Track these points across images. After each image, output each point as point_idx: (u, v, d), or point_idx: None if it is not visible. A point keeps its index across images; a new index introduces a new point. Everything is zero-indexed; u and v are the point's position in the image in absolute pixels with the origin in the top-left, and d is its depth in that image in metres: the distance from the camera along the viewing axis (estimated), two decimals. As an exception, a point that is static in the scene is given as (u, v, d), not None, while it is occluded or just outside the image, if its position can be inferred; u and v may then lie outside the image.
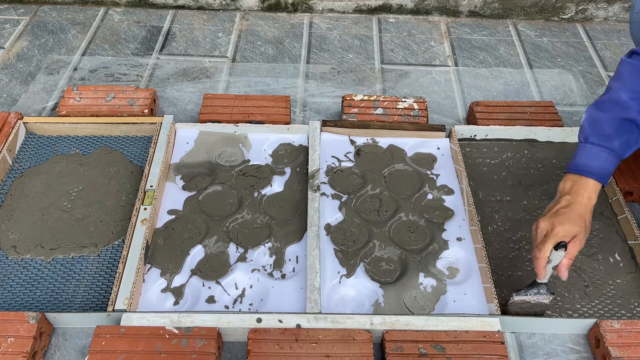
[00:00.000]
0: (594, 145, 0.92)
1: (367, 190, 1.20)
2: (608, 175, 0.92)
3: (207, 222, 1.13)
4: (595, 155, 0.92)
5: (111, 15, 1.78)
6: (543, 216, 0.92)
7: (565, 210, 0.90)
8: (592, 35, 1.76)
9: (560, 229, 0.88)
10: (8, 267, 1.05)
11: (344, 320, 0.94)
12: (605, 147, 0.92)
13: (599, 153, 0.92)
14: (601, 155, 0.92)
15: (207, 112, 1.33)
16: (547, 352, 0.97)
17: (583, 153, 0.93)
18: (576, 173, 0.93)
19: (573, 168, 0.94)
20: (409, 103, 1.37)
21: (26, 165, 1.24)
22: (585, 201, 0.91)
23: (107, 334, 0.90)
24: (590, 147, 0.92)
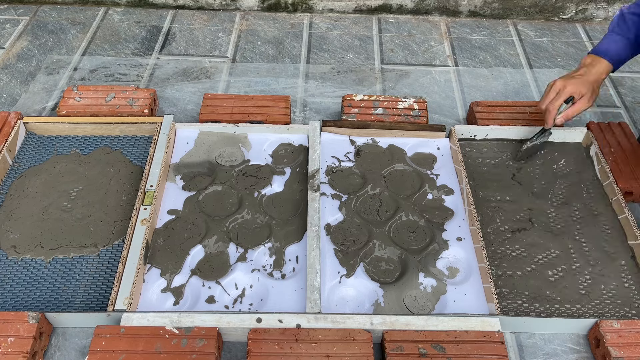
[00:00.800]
0: (615, 34, 1.16)
1: (367, 190, 1.20)
2: (621, 61, 1.17)
3: (207, 222, 1.13)
4: (614, 42, 1.16)
5: (111, 15, 1.78)
6: (560, 78, 1.16)
7: (579, 75, 1.14)
8: (592, 35, 1.76)
9: (572, 87, 1.13)
10: (8, 267, 1.05)
11: (344, 320, 0.94)
12: (623, 37, 1.16)
13: (618, 40, 1.16)
14: (619, 42, 1.16)
15: (207, 112, 1.33)
16: (547, 352, 0.97)
17: (606, 39, 1.18)
18: (596, 54, 1.17)
19: (594, 50, 1.18)
20: (409, 103, 1.37)
21: (26, 165, 1.24)
22: (596, 74, 1.15)
23: (107, 334, 0.90)
24: (612, 35, 1.17)
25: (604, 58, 1.15)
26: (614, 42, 1.16)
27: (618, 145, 1.27)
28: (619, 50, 1.16)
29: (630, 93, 1.54)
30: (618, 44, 1.16)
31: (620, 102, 1.51)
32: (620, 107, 1.49)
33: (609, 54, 1.15)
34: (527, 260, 1.09)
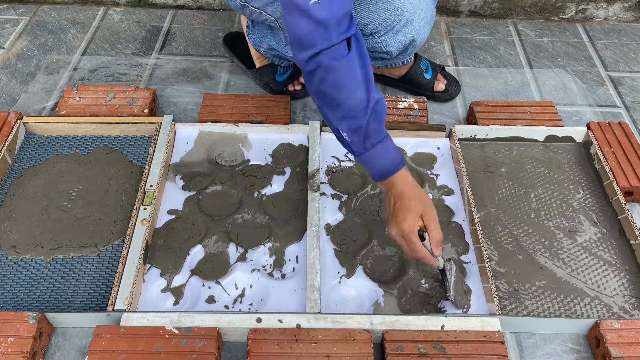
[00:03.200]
0: (374, 146, 0.91)
1: (367, 190, 1.20)
2: (399, 152, 0.95)
3: (207, 222, 1.13)
4: (386, 150, 0.92)
5: (111, 15, 1.78)
6: (387, 228, 0.96)
7: (397, 207, 0.92)
8: (592, 35, 1.76)
9: (406, 225, 0.91)
10: (8, 267, 1.05)
11: (344, 320, 0.94)
12: (382, 140, 0.91)
13: (386, 146, 0.92)
14: (388, 145, 0.92)
15: (207, 112, 1.33)
16: (547, 352, 0.97)
17: (372, 160, 0.92)
18: (383, 179, 0.93)
19: (378, 176, 0.94)
20: (409, 103, 1.37)
21: (26, 165, 1.24)
22: (406, 189, 0.93)
23: (107, 334, 0.90)
24: (374, 150, 0.91)
25: (394, 173, 0.92)
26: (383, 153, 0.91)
27: (618, 145, 1.27)
28: (394, 149, 0.93)
29: (630, 93, 1.54)
30: (388, 150, 0.92)
31: (620, 102, 1.51)
32: (620, 107, 1.49)
33: (391, 164, 0.92)
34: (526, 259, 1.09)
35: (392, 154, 0.92)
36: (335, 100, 0.87)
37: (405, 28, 1.10)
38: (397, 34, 1.09)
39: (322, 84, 0.86)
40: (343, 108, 0.87)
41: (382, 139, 0.91)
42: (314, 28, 0.80)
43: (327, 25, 0.80)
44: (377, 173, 0.93)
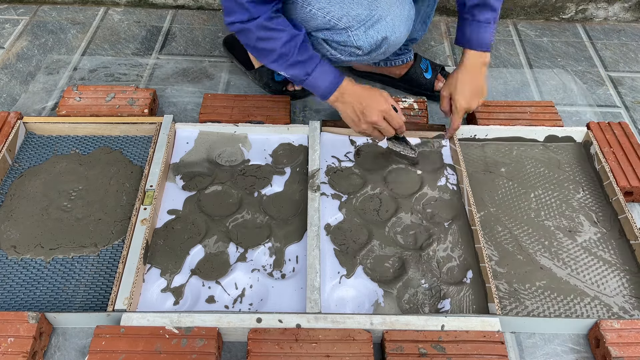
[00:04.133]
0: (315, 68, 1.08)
1: (367, 191, 1.20)
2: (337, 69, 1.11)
3: (207, 222, 1.13)
4: (326, 70, 1.09)
5: (111, 15, 1.78)
6: (358, 127, 1.13)
7: (364, 104, 1.10)
8: (592, 35, 1.76)
9: (386, 107, 1.11)
10: (8, 267, 1.05)
11: (344, 320, 0.94)
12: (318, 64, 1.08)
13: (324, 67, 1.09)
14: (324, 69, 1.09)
15: (207, 112, 1.33)
16: (547, 352, 0.97)
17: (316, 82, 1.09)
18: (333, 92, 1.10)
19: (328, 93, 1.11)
20: (409, 103, 1.37)
21: (26, 165, 1.24)
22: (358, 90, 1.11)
23: (107, 334, 0.90)
24: (315, 71, 1.08)
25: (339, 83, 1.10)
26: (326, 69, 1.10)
27: (618, 145, 1.27)
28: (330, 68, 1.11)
29: (630, 93, 1.54)
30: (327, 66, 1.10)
31: (620, 102, 1.51)
32: (620, 107, 1.49)
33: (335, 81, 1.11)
34: (526, 259, 1.09)
35: (331, 72, 1.09)
36: (265, 50, 1.07)
37: (377, 24, 1.10)
38: (370, 29, 1.11)
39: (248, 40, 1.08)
40: (274, 54, 1.06)
41: (317, 63, 1.08)
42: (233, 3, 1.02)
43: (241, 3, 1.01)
44: (325, 91, 1.10)
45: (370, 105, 1.09)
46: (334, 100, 1.11)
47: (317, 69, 1.08)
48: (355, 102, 1.10)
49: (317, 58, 1.08)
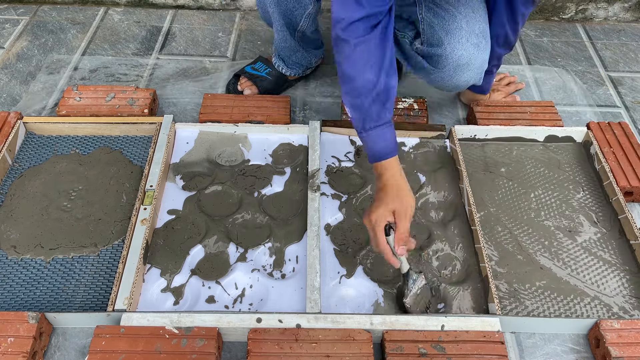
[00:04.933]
0: (373, 129, 0.96)
1: (367, 191, 1.20)
2: (396, 142, 0.98)
3: (207, 222, 1.13)
4: (381, 136, 0.96)
5: (111, 15, 1.78)
6: (366, 212, 0.98)
7: (376, 197, 0.97)
8: (592, 35, 1.76)
9: (375, 216, 0.94)
10: (8, 267, 1.05)
11: (344, 320, 0.94)
12: (383, 124, 0.96)
13: (382, 133, 0.96)
14: (385, 132, 0.96)
15: (207, 112, 1.33)
16: (547, 352, 0.97)
17: (367, 141, 0.97)
18: (375, 162, 0.97)
19: (371, 158, 0.98)
20: (409, 103, 1.37)
21: (26, 165, 1.24)
22: (391, 179, 0.96)
23: (107, 334, 0.90)
24: (371, 132, 0.96)
25: (385, 158, 0.96)
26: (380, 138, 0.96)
27: (618, 145, 1.27)
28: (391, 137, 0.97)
29: (630, 93, 1.54)
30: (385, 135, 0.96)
31: (620, 102, 1.51)
32: (620, 107, 1.49)
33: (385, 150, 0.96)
34: (526, 259, 1.09)
35: (387, 141, 0.96)
36: (345, 74, 0.94)
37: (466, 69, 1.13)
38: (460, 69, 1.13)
39: (338, 55, 0.94)
40: (350, 84, 0.94)
41: (381, 124, 0.95)
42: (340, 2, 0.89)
43: None
44: (371, 156, 0.98)
45: (373, 204, 0.97)
46: (376, 175, 0.99)
47: (376, 131, 0.96)
48: (376, 191, 0.98)
49: (385, 119, 0.96)
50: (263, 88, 1.42)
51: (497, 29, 1.17)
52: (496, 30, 1.17)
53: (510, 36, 1.19)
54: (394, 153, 0.97)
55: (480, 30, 1.12)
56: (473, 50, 1.11)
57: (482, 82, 1.23)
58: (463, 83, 1.18)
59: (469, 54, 1.11)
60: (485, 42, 1.13)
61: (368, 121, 0.95)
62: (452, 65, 1.12)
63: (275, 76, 1.43)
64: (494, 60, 1.23)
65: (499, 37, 1.18)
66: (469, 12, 1.11)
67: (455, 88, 1.21)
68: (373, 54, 0.92)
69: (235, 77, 1.46)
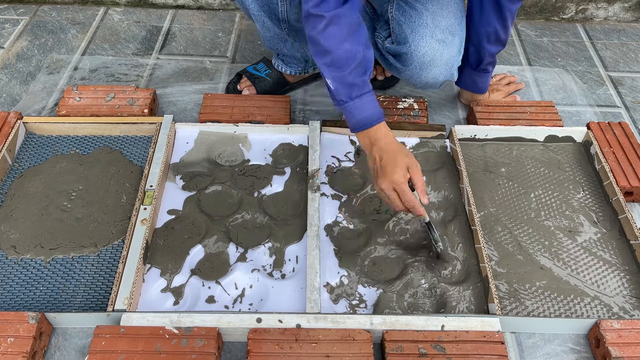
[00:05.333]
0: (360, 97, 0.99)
1: (367, 191, 1.20)
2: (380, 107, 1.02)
3: (207, 222, 1.13)
4: (368, 103, 1.00)
5: (111, 15, 1.78)
6: (373, 182, 1.02)
7: (385, 161, 0.99)
8: (592, 35, 1.76)
9: (397, 177, 0.97)
10: (8, 267, 1.05)
11: (344, 320, 0.94)
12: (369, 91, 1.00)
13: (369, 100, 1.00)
14: (372, 98, 1.00)
15: (207, 112, 1.33)
16: (547, 352, 0.97)
17: (354, 111, 1.00)
18: (364, 129, 1.01)
19: (358, 127, 1.01)
20: (409, 103, 1.37)
21: (26, 165, 1.24)
22: (390, 141, 1.01)
23: (107, 334, 0.90)
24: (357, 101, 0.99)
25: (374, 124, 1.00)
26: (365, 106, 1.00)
27: (618, 145, 1.27)
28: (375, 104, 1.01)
29: (630, 93, 1.54)
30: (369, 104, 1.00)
31: (620, 102, 1.51)
32: (620, 107, 1.49)
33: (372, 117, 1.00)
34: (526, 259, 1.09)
35: (373, 107, 1.00)
36: (324, 48, 0.96)
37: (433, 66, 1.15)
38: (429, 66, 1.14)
39: (311, 31, 0.96)
40: (330, 56, 0.96)
41: (365, 92, 1.00)
42: None
43: None
44: (356, 124, 1.01)
45: (385, 169, 0.99)
46: (365, 145, 1.03)
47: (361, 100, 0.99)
48: (377, 159, 1.00)
49: (368, 87, 1.01)
50: (261, 89, 1.42)
51: (486, 27, 1.17)
52: (485, 28, 1.17)
53: (501, 33, 1.18)
54: (383, 117, 1.02)
55: (447, 25, 1.12)
56: (438, 47, 1.11)
57: (478, 81, 1.23)
58: (432, 80, 1.18)
59: (432, 51, 1.11)
60: (452, 37, 1.12)
61: (355, 90, 0.99)
62: (417, 62, 1.13)
63: (274, 77, 1.43)
64: (487, 58, 1.23)
65: (489, 35, 1.18)
66: (437, 9, 1.11)
67: (427, 85, 1.21)
68: (349, 26, 0.95)
69: (237, 77, 1.46)
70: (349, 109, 1.00)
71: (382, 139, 1.00)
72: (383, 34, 1.21)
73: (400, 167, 0.98)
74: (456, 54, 1.15)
